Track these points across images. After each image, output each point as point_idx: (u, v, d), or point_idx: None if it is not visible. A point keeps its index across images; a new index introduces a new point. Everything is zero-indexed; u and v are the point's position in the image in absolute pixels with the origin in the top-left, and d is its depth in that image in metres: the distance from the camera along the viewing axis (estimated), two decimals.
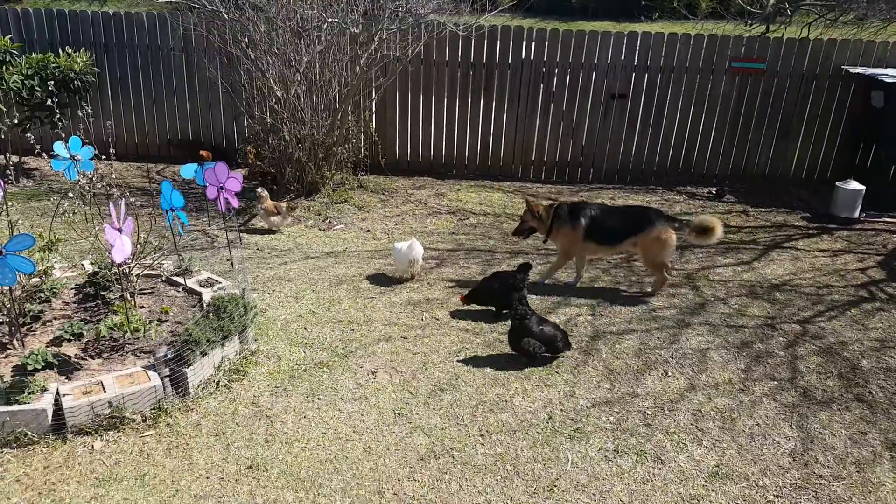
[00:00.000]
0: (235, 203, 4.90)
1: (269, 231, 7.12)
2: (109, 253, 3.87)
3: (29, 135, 4.87)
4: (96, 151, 4.81)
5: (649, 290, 5.86)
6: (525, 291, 5.03)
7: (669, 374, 4.65)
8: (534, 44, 8.89)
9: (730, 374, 4.67)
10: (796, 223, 7.99)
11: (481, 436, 3.93)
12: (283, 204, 7.10)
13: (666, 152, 9.25)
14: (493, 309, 5.39)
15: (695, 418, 4.17)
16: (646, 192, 8.99)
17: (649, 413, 4.20)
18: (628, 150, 9.25)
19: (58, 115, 6.12)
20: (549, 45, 8.84)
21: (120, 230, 3.84)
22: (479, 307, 5.44)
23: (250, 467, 3.59)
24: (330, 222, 7.51)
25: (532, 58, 8.92)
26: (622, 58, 8.86)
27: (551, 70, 8.95)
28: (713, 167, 9.31)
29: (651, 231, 5.57)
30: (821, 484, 3.66)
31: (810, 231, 7.72)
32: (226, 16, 7.54)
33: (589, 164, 9.35)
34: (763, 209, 8.44)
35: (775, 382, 4.59)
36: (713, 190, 9.01)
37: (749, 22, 11.14)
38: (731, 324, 5.38)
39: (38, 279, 4.51)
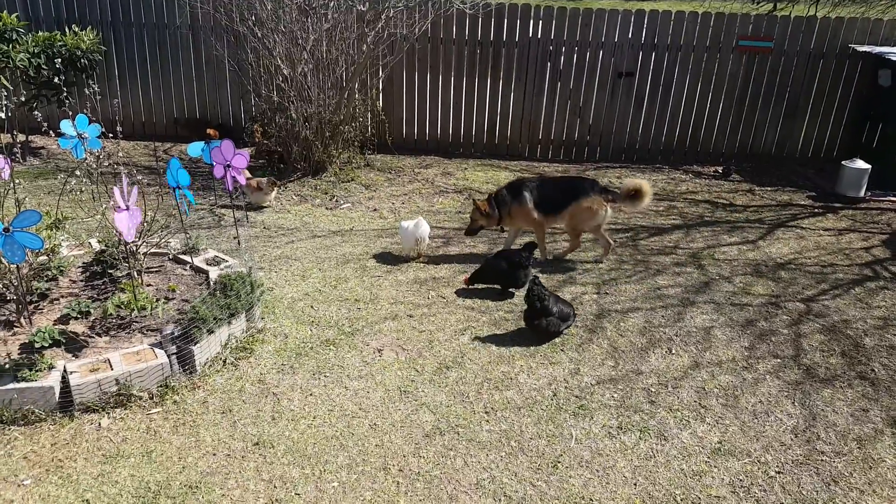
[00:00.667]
0: (242, 180, 4.90)
1: (260, 207, 7.15)
2: (117, 231, 3.90)
3: (36, 113, 4.86)
4: (103, 129, 4.81)
5: (601, 258, 6.10)
6: (530, 269, 5.07)
7: (673, 351, 4.67)
8: (541, 22, 8.82)
9: (733, 352, 4.69)
10: (802, 202, 7.95)
11: (486, 413, 3.96)
12: (265, 180, 7.14)
13: (673, 131, 9.20)
14: (499, 287, 5.41)
15: (698, 395, 4.20)
16: (652, 170, 8.95)
17: (653, 390, 4.23)
18: (635, 128, 9.21)
19: (65, 94, 6.12)
20: (556, 22, 8.77)
21: (127, 208, 3.86)
22: (483, 286, 5.46)
23: (257, 444, 3.63)
24: (337, 201, 7.52)
25: (539, 36, 8.86)
26: (629, 36, 8.79)
27: (559, 48, 8.89)
28: (720, 146, 9.26)
29: (584, 200, 5.76)
30: (822, 460, 3.69)
31: (816, 210, 7.68)
32: None
33: (596, 142, 9.31)
34: (769, 188, 8.40)
35: (779, 360, 4.61)
36: (719, 169, 8.97)
37: (755, 1, 11.02)
38: (736, 302, 5.39)
39: (46, 257, 4.54)
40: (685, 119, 9.15)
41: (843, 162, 8.07)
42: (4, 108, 4.09)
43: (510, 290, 5.40)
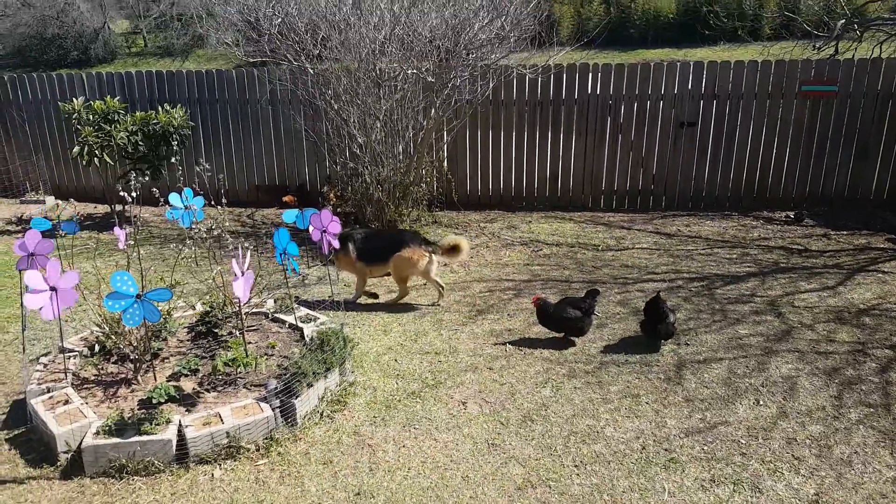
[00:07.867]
0: (336, 244, 5.25)
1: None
2: (235, 297, 4.25)
3: (154, 190, 5.26)
4: (210, 201, 5.24)
5: (390, 300, 6.54)
6: (593, 317, 5.53)
7: (760, 402, 4.66)
8: (600, 76, 9.08)
9: (822, 401, 4.64)
10: (881, 245, 7.81)
11: (576, 466, 4.04)
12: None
13: (739, 177, 9.21)
14: (562, 335, 5.56)
15: (790, 446, 4.17)
16: (721, 217, 8.95)
17: (743, 442, 4.23)
18: (700, 176, 9.26)
19: (166, 166, 6.73)
20: (615, 78, 9.02)
21: (243, 274, 4.20)
22: (548, 334, 5.62)
23: (358, 494, 3.80)
24: None
25: (598, 91, 9.11)
26: (689, 87, 8.94)
27: (618, 102, 9.11)
28: (789, 191, 9.20)
29: (403, 251, 6.25)
30: None
31: None
32: (311, 70, 8.04)
33: (660, 191, 9.40)
34: (844, 232, 8.28)
35: (870, 409, 4.54)
36: (791, 214, 8.90)
37: (816, 46, 11.03)
38: (820, 350, 5.34)
39: (163, 319, 4.91)
40: (751, 165, 9.15)
41: None
42: (133, 188, 4.53)
43: (572, 338, 5.53)
